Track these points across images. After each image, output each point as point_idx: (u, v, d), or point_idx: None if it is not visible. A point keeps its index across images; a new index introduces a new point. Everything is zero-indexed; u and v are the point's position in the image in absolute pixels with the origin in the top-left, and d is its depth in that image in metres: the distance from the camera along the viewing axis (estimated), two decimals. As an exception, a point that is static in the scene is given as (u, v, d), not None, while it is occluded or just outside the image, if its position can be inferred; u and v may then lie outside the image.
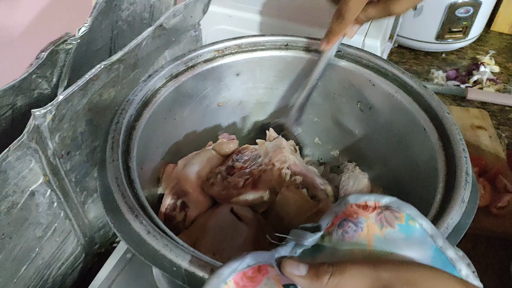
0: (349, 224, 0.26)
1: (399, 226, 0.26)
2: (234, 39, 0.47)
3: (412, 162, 0.42)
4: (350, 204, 0.27)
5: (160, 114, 0.42)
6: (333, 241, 0.26)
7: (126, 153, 0.35)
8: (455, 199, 0.32)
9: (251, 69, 0.49)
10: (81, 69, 0.40)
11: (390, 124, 0.45)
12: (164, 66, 0.43)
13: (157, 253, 0.28)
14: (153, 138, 0.41)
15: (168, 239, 0.29)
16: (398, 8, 0.39)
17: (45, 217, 0.38)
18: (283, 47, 0.48)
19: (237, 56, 0.47)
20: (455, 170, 0.35)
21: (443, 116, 0.39)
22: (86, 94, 0.37)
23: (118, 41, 0.47)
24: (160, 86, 0.42)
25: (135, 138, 0.37)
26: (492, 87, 0.80)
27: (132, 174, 0.34)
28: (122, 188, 0.32)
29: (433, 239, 0.25)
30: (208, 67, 0.46)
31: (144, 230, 0.29)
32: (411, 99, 0.42)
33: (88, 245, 0.48)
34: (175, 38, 0.50)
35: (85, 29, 0.34)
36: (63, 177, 0.39)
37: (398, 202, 0.27)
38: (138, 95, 0.39)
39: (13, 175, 0.32)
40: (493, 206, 0.56)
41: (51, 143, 0.35)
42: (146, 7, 0.50)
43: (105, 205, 0.32)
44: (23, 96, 0.33)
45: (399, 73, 0.43)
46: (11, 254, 0.35)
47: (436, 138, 0.38)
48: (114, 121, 0.37)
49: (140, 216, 0.30)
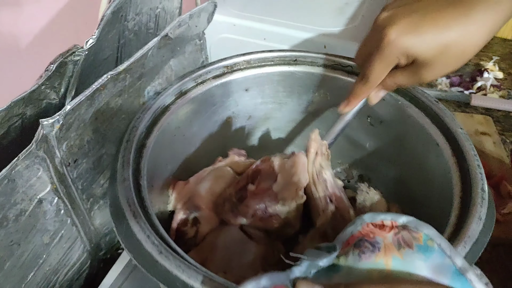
0: (366, 244, 0.26)
1: (417, 246, 0.25)
2: (243, 55, 0.47)
3: (426, 178, 0.42)
4: (367, 223, 0.27)
5: (169, 131, 0.42)
6: (349, 261, 0.26)
7: (136, 172, 0.35)
8: (472, 217, 0.32)
9: (260, 85, 0.49)
10: (88, 78, 0.41)
11: (402, 138, 0.45)
12: (173, 83, 0.44)
13: (169, 274, 0.28)
14: (162, 155, 0.41)
15: (180, 259, 0.29)
16: (429, 76, 0.34)
17: (52, 224, 0.39)
18: (292, 62, 0.48)
19: (246, 72, 0.48)
20: (470, 187, 0.34)
21: (456, 131, 0.39)
22: (93, 103, 0.37)
23: (125, 51, 0.48)
24: (170, 103, 0.43)
25: (145, 156, 0.37)
26: (496, 93, 0.80)
27: (143, 193, 0.34)
28: (134, 208, 0.32)
29: (451, 260, 0.25)
30: (217, 83, 0.46)
31: (156, 250, 0.29)
32: (423, 114, 0.42)
33: (94, 251, 0.48)
34: (180, 47, 0.51)
35: (92, 41, 0.35)
36: (70, 185, 0.40)
37: (416, 221, 0.26)
38: (148, 112, 0.40)
39: (21, 183, 0.33)
40: (497, 212, 0.56)
41: (58, 152, 0.36)
42: (152, 17, 0.51)
43: (116, 224, 0.32)
44: (32, 106, 0.34)
45: (410, 87, 0.43)
46: (19, 261, 0.36)
47: (449, 154, 0.38)
48: (124, 139, 0.37)
49: (152, 236, 0.30)
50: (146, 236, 0.30)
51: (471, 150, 0.37)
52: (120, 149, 0.36)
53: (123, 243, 0.30)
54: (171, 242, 0.31)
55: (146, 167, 0.36)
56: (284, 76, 0.49)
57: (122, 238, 0.31)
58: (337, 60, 0.48)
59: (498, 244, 0.55)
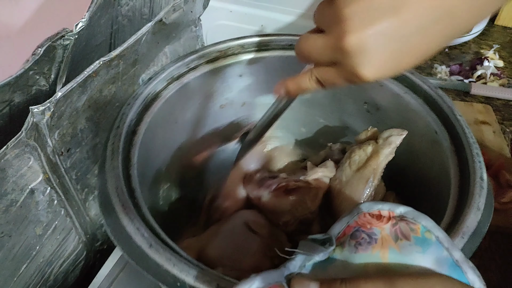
0: (362, 235, 0.25)
1: (415, 238, 0.25)
2: (237, 39, 0.46)
3: (423, 166, 0.41)
4: (363, 213, 0.26)
5: (161, 118, 0.41)
6: (345, 253, 0.25)
7: (126, 160, 0.34)
8: (470, 207, 0.31)
9: (255, 70, 0.48)
10: (80, 65, 0.39)
11: (399, 126, 0.43)
12: (165, 67, 0.42)
13: (160, 267, 0.27)
14: (154, 143, 0.40)
15: (171, 252, 0.28)
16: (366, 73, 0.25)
17: (45, 215, 0.38)
18: (287, 46, 0.47)
19: (240, 57, 0.46)
20: (468, 176, 0.33)
21: (455, 119, 0.38)
22: (85, 90, 0.36)
23: (118, 37, 0.46)
24: (161, 89, 0.41)
25: (136, 144, 0.35)
26: (496, 81, 0.79)
27: (133, 183, 0.32)
28: (123, 198, 0.30)
29: (449, 252, 0.25)
30: (211, 68, 0.45)
31: (146, 243, 0.28)
32: (421, 101, 0.41)
33: (90, 242, 0.47)
34: (175, 34, 0.50)
35: (82, 24, 0.34)
36: (63, 175, 0.39)
37: (414, 212, 0.26)
38: (138, 99, 0.38)
39: (11, 173, 0.32)
40: (496, 201, 0.56)
41: (50, 141, 0.35)
42: (146, 2, 0.49)
43: (104, 216, 0.31)
44: (20, 92, 0.33)
45: (408, 74, 0.42)
46: (11, 253, 0.35)
47: (448, 142, 0.37)
48: (114, 126, 0.35)
49: (141, 229, 0.29)
50: (135, 228, 0.29)
51: (470, 138, 0.36)
52: (110, 137, 0.35)
53: (112, 236, 0.29)
54: (162, 235, 0.30)
55: (136, 155, 0.35)
56: (280, 61, 0.47)
57: (111, 231, 0.30)
58: None
59: (497, 232, 0.54)
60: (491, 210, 0.32)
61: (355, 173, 0.40)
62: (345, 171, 0.41)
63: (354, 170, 0.41)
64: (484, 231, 0.30)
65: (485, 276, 0.25)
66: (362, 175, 0.40)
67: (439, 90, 0.41)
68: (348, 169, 0.41)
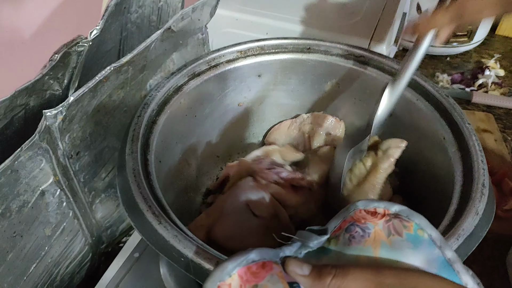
0: (356, 229, 0.26)
1: (407, 235, 0.26)
2: (257, 41, 0.48)
3: (430, 171, 0.42)
4: (359, 209, 0.27)
5: (181, 111, 0.43)
6: (339, 245, 0.26)
7: (145, 146, 0.36)
8: (469, 211, 0.32)
9: (273, 71, 0.49)
10: (91, 70, 0.40)
11: (410, 131, 0.45)
12: (187, 64, 0.44)
13: (166, 243, 0.29)
14: (173, 134, 0.42)
15: (178, 230, 0.30)
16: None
17: (54, 216, 0.39)
18: (306, 50, 0.48)
19: (259, 58, 0.48)
20: (471, 182, 0.34)
21: (463, 127, 0.39)
22: (96, 95, 0.37)
23: (127, 43, 0.47)
24: (182, 84, 0.43)
25: (155, 132, 0.38)
26: (497, 90, 0.80)
27: (150, 167, 0.35)
28: (139, 179, 0.33)
29: (441, 251, 0.25)
30: (230, 67, 0.47)
31: (156, 220, 0.30)
32: (432, 108, 0.42)
33: (95, 244, 0.48)
34: (183, 41, 0.51)
35: (96, 31, 0.35)
36: (72, 177, 0.40)
37: (408, 211, 0.27)
38: (160, 91, 0.41)
39: (24, 174, 0.33)
40: (499, 209, 0.56)
41: (61, 144, 0.36)
42: (154, 10, 0.51)
43: (121, 194, 0.33)
44: (35, 96, 0.34)
45: (421, 81, 0.44)
46: (22, 252, 0.36)
47: (455, 148, 0.38)
48: (136, 115, 0.38)
49: (153, 207, 0.31)
50: (147, 206, 0.31)
51: (477, 145, 0.37)
52: (131, 124, 0.37)
53: (127, 212, 0.32)
54: (172, 215, 0.32)
55: (155, 142, 0.37)
56: (297, 64, 0.49)
57: (126, 208, 0.32)
58: (351, 50, 0.48)
59: (499, 240, 0.55)
60: (491, 216, 0.33)
61: (356, 188, 0.42)
62: (347, 185, 0.42)
63: (354, 185, 0.42)
64: (482, 235, 0.31)
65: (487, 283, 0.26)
66: (362, 190, 0.41)
67: (450, 98, 0.42)
68: (349, 183, 0.42)
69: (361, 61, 0.47)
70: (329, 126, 0.50)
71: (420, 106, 0.43)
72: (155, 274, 0.45)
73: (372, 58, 0.46)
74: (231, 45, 0.47)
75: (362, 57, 0.47)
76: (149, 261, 0.46)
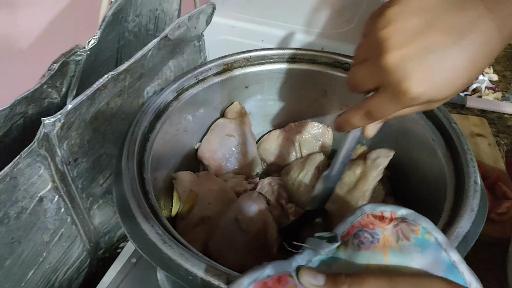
0: (365, 235, 0.26)
1: (415, 239, 0.26)
2: (242, 53, 0.48)
3: (421, 172, 0.42)
4: (367, 214, 0.27)
5: (171, 126, 0.43)
6: (348, 251, 0.26)
7: (140, 164, 0.36)
8: (464, 208, 0.32)
9: (260, 82, 0.50)
10: (89, 78, 0.41)
11: (398, 134, 0.45)
12: (175, 79, 0.44)
13: (173, 262, 0.29)
14: (165, 150, 0.42)
15: (183, 248, 0.29)
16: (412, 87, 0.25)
17: (52, 222, 0.39)
18: (291, 60, 0.49)
19: (245, 69, 0.48)
20: (463, 180, 0.35)
21: (450, 127, 0.40)
22: (93, 103, 0.38)
23: (125, 51, 0.48)
24: (172, 99, 0.43)
25: (148, 150, 0.38)
26: (491, 95, 0.81)
27: (147, 185, 0.34)
28: (138, 198, 0.32)
29: (447, 253, 0.26)
30: (218, 80, 0.47)
31: (160, 240, 0.30)
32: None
33: (93, 250, 0.48)
34: (179, 49, 0.52)
35: (94, 41, 0.36)
36: (70, 184, 0.40)
37: (414, 214, 0.27)
38: (151, 107, 0.41)
39: (23, 181, 0.33)
40: (493, 212, 0.57)
41: (59, 150, 0.37)
42: (151, 19, 0.51)
43: (121, 215, 0.33)
44: (34, 105, 0.35)
45: None
46: (20, 259, 0.36)
47: (444, 148, 0.39)
48: (129, 132, 0.38)
49: (155, 226, 0.30)
50: (150, 226, 0.31)
51: (465, 144, 0.38)
52: (125, 142, 0.37)
53: (128, 234, 0.31)
54: (174, 232, 0.31)
55: (150, 160, 0.37)
56: (283, 74, 0.50)
57: (127, 228, 0.32)
58: (336, 57, 0.49)
59: (495, 243, 0.55)
60: (485, 212, 0.34)
61: (346, 195, 0.42)
62: (337, 192, 0.43)
63: (345, 192, 0.42)
64: (478, 231, 0.32)
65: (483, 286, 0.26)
66: (352, 197, 0.42)
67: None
68: (340, 190, 0.43)
69: (347, 68, 0.48)
70: (317, 133, 0.50)
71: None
72: (153, 279, 0.45)
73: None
74: (217, 58, 0.48)
75: (347, 64, 0.47)
76: (147, 267, 0.46)
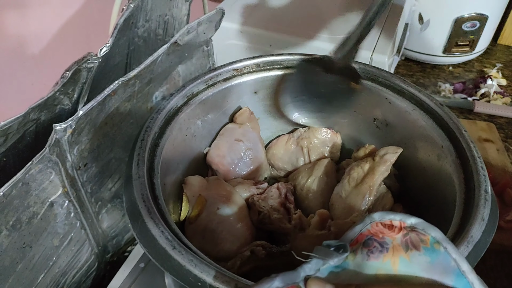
0: (374, 244, 0.26)
1: (424, 249, 0.26)
2: (252, 58, 0.48)
3: (431, 180, 0.42)
4: (376, 222, 0.27)
5: (180, 132, 0.43)
6: (357, 260, 0.26)
7: (150, 170, 0.36)
8: (475, 218, 0.32)
9: (269, 87, 0.50)
10: (99, 84, 0.42)
11: (407, 141, 0.45)
12: (185, 84, 0.44)
13: (182, 268, 0.29)
14: (174, 155, 0.42)
15: (193, 254, 0.29)
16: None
17: (62, 227, 0.40)
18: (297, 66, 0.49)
19: (255, 75, 0.48)
20: (473, 188, 0.35)
21: (461, 134, 0.39)
22: (104, 108, 0.38)
23: (134, 57, 0.49)
24: (182, 105, 0.44)
25: (158, 155, 0.38)
26: (499, 100, 0.81)
27: (157, 190, 0.35)
28: (148, 204, 0.32)
29: (456, 263, 0.25)
30: (227, 85, 0.47)
31: (170, 245, 0.30)
32: (428, 117, 0.43)
33: (101, 254, 0.49)
34: (188, 54, 0.52)
35: (106, 49, 0.36)
36: (80, 188, 0.41)
37: (424, 224, 0.27)
38: (161, 113, 0.41)
39: (34, 186, 0.34)
40: (501, 219, 0.56)
41: (70, 156, 0.37)
42: (161, 24, 0.52)
43: (131, 220, 0.33)
44: (46, 111, 0.35)
45: (415, 92, 0.44)
46: (31, 263, 0.37)
47: (454, 156, 0.39)
48: (139, 138, 0.38)
49: (165, 232, 0.31)
50: (160, 231, 0.31)
51: (475, 152, 0.37)
52: (136, 148, 0.37)
53: (138, 239, 0.31)
54: (184, 238, 0.32)
55: (159, 166, 0.37)
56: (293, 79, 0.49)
57: (137, 234, 0.32)
58: None
59: (502, 251, 0.55)
60: (496, 221, 0.33)
61: (353, 189, 0.42)
62: (345, 187, 0.43)
63: (352, 186, 0.43)
64: (489, 241, 0.32)
65: None
66: (359, 191, 0.42)
67: (445, 107, 0.42)
68: (347, 185, 0.43)
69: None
70: (326, 139, 0.50)
71: (415, 116, 0.43)
72: (161, 284, 0.45)
73: (366, 70, 0.47)
74: (227, 63, 0.48)
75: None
76: (155, 272, 0.46)
